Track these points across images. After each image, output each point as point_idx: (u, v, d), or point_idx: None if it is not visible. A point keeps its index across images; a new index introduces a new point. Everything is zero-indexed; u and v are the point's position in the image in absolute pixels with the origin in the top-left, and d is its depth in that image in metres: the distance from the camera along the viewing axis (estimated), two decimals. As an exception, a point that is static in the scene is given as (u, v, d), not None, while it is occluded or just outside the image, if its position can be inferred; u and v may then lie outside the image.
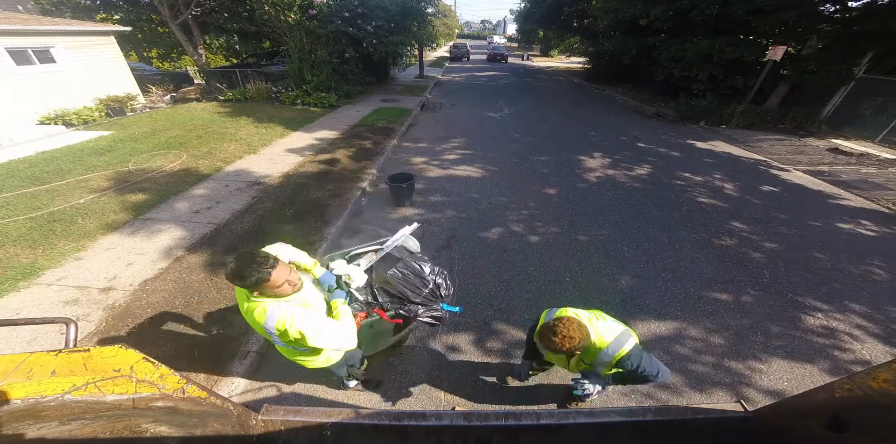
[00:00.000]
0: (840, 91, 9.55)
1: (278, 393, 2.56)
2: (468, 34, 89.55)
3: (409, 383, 2.65)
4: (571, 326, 1.58)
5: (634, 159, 7.43)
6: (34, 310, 3.09)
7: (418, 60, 19.86)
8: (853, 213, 5.32)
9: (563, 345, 1.56)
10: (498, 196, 5.57)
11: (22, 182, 5.31)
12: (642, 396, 2.57)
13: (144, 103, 11.46)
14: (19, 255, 3.73)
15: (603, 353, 1.71)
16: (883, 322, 3.24)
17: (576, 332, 1.57)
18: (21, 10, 15.06)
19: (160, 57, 19.64)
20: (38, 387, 0.79)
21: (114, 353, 0.93)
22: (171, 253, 3.91)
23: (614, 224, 4.82)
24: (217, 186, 5.53)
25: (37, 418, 0.79)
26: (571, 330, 1.57)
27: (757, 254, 4.23)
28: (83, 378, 0.84)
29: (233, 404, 1.28)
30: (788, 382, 2.69)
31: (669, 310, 3.35)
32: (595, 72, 20.23)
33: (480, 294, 3.51)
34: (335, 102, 11.34)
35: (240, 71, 13.48)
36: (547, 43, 37.60)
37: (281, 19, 10.58)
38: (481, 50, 42.15)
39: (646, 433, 1.42)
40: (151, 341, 2.83)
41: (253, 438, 1.35)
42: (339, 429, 1.40)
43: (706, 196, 5.74)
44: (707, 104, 10.58)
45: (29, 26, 8.69)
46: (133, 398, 0.89)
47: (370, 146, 7.69)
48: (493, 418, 1.44)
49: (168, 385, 0.98)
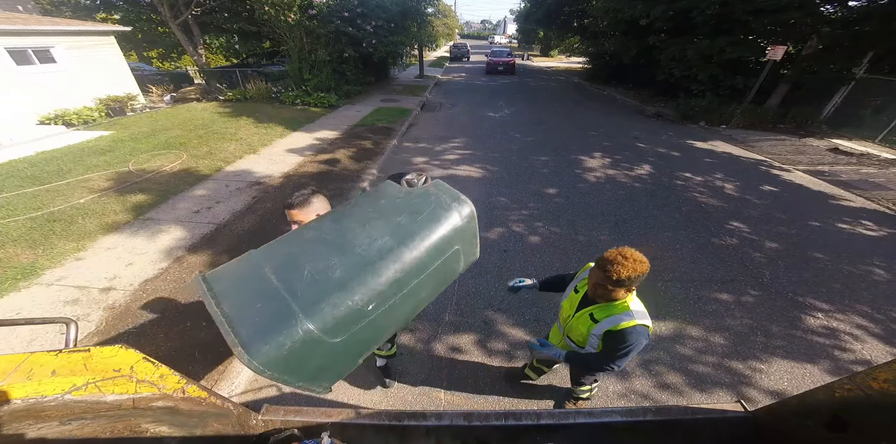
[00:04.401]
0: (840, 91, 9.54)
1: (278, 393, 2.56)
2: (468, 34, 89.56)
3: (409, 383, 2.65)
4: (636, 252, 1.46)
5: (634, 159, 7.42)
6: (34, 310, 3.09)
7: (418, 60, 19.88)
8: (853, 213, 5.32)
9: (635, 269, 1.42)
10: (498, 196, 5.57)
11: (22, 182, 5.31)
12: (642, 396, 2.57)
13: (144, 103, 11.47)
14: (19, 255, 3.73)
15: (624, 314, 1.56)
16: (883, 322, 3.24)
17: (643, 258, 1.46)
18: (21, 10, 15.07)
19: (160, 57, 19.68)
20: (38, 387, 0.79)
21: (114, 353, 0.93)
22: (171, 253, 3.91)
23: (614, 224, 4.82)
24: (217, 186, 5.53)
25: (37, 418, 0.79)
26: (638, 255, 1.46)
27: (757, 254, 4.22)
28: (83, 378, 0.84)
29: (233, 404, 1.28)
30: (789, 382, 2.69)
31: (670, 310, 3.34)
32: (595, 72, 20.24)
33: (480, 294, 3.51)
34: (335, 102, 11.34)
35: (240, 71, 13.51)
36: (547, 43, 37.59)
37: (281, 19, 10.58)
38: (481, 50, 42.10)
39: (646, 433, 1.42)
40: (151, 341, 2.83)
41: (253, 438, 1.35)
42: (339, 429, 1.40)
43: (706, 196, 5.74)
44: (707, 104, 10.58)
45: (29, 26, 8.70)
46: (133, 398, 0.89)
47: (370, 146, 7.70)
48: (493, 418, 1.44)
49: (168, 385, 0.98)
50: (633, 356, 1.58)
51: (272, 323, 1.00)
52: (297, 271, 1.12)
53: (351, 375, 2.14)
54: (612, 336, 1.59)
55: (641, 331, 1.54)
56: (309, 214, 1.70)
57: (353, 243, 1.21)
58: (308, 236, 1.29)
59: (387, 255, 1.17)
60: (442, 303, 3.38)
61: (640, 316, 1.56)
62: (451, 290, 3.53)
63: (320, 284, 1.09)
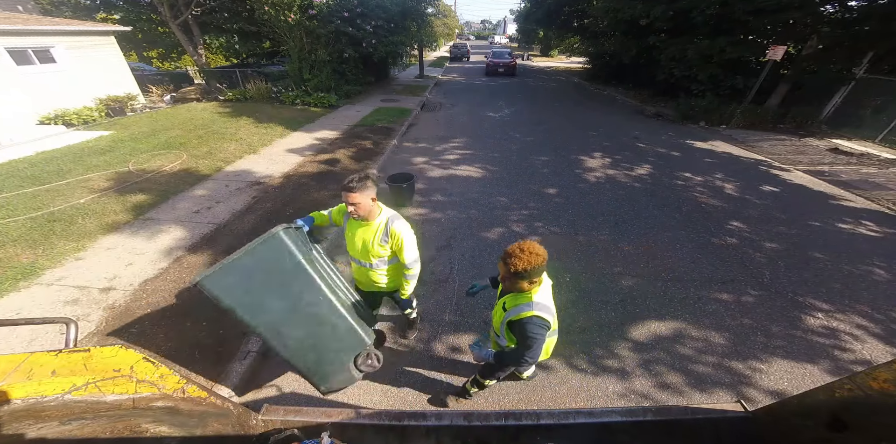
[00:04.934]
0: (840, 91, 9.54)
1: (278, 393, 2.56)
2: (468, 34, 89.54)
3: (408, 383, 2.65)
4: (536, 246, 1.55)
5: (634, 159, 7.43)
6: (34, 310, 3.09)
7: (418, 60, 19.87)
8: (853, 213, 5.32)
9: (529, 261, 1.50)
10: (498, 196, 5.57)
11: (22, 182, 5.31)
12: (642, 396, 2.57)
13: (144, 103, 11.47)
14: (19, 255, 3.73)
15: (525, 305, 1.64)
16: (883, 322, 3.24)
17: (540, 251, 1.53)
18: (21, 10, 15.07)
19: (160, 57, 19.68)
20: (38, 387, 0.79)
21: (114, 353, 0.94)
22: (171, 253, 3.91)
23: (614, 224, 4.82)
24: (217, 186, 5.53)
25: (37, 418, 0.79)
26: (536, 248, 1.53)
27: (757, 254, 4.22)
28: (83, 378, 0.84)
29: (233, 404, 1.28)
30: (789, 382, 2.69)
31: (670, 310, 3.34)
32: (595, 72, 20.23)
33: (480, 294, 3.49)
34: (335, 102, 11.35)
35: (240, 71, 13.50)
36: (547, 43, 37.57)
37: (281, 19, 10.58)
38: (481, 50, 42.11)
39: (646, 433, 1.42)
40: (151, 341, 2.83)
41: (253, 438, 1.35)
42: (339, 429, 1.40)
43: (706, 196, 5.74)
44: (707, 104, 10.58)
45: (29, 26, 8.70)
46: (133, 398, 0.89)
47: (370, 146, 7.70)
48: (493, 418, 1.44)
49: (168, 385, 0.98)
50: (539, 347, 1.62)
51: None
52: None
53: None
54: (514, 326, 1.66)
55: (536, 321, 1.59)
56: (365, 197, 1.88)
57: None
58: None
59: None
60: (442, 303, 3.38)
61: (539, 308, 1.61)
62: (450, 290, 3.53)
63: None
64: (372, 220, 2.03)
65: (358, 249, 2.16)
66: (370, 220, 2.02)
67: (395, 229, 2.02)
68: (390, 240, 2.05)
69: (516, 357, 1.69)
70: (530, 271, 1.52)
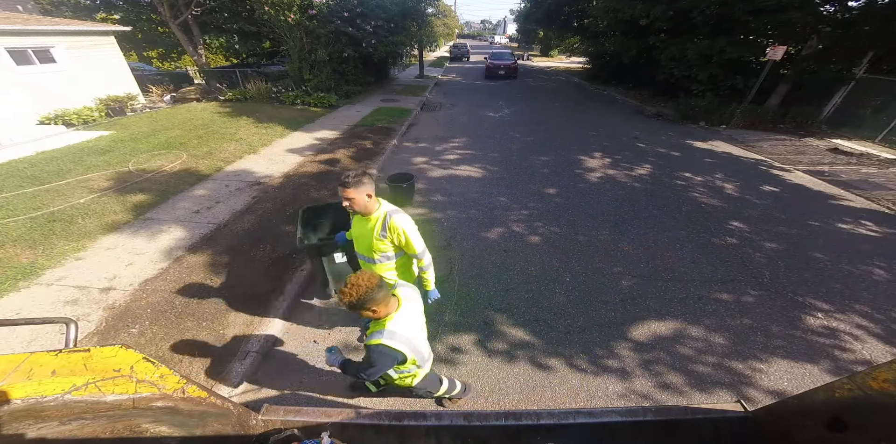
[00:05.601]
0: (840, 91, 9.54)
1: (278, 393, 2.56)
2: (468, 34, 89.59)
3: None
4: (362, 275, 1.51)
5: (634, 159, 7.42)
6: (34, 310, 3.09)
7: (418, 60, 19.87)
8: (853, 213, 5.32)
9: (351, 294, 1.46)
10: (498, 196, 5.57)
11: (22, 182, 5.31)
12: (642, 396, 2.57)
13: (144, 103, 11.47)
14: (19, 255, 3.73)
15: (377, 332, 1.60)
16: (883, 322, 3.24)
17: (364, 281, 1.48)
18: (21, 10, 15.08)
19: (160, 57, 19.67)
20: (38, 387, 0.79)
21: (114, 353, 0.94)
22: (171, 253, 3.91)
23: (614, 224, 4.82)
24: (217, 186, 5.53)
25: (37, 418, 0.79)
26: (360, 280, 1.48)
27: (757, 254, 4.22)
28: (83, 378, 0.84)
29: (233, 404, 1.28)
30: (789, 382, 2.69)
31: (670, 310, 3.34)
32: (595, 72, 20.22)
33: (480, 294, 3.51)
34: (335, 102, 11.35)
35: (240, 71, 13.51)
36: (547, 43, 37.59)
37: (281, 19, 10.58)
38: (481, 50, 42.10)
39: (646, 433, 1.42)
40: (151, 341, 2.83)
41: (253, 438, 1.35)
42: (339, 429, 1.40)
43: (706, 196, 5.74)
44: (707, 104, 10.58)
45: (29, 26, 8.70)
46: (133, 397, 0.89)
47: (370, 146, 7.70)
48: (493, 418, 1.44)
49: (168, 385, 0.98)
50: (379, 371, 1.63)
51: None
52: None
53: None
54: (366, 349, 1.64)
55: (382, 350, 1.58)
56: (360, 193, 1.92)
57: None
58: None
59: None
60: (442, 303, 3.38)
61: (389, 337, 1.58)
62: (451, 290, 3.53)
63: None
64: (370, 215, 2.06)
65: (360, 244, 2.22)
66: (369, 215, 2.06)
67: (394, 222, 2.03)
68: (389, 234, 2.06)
69: (355, 371, 1.72)
70: (360, 302, 1.48)
